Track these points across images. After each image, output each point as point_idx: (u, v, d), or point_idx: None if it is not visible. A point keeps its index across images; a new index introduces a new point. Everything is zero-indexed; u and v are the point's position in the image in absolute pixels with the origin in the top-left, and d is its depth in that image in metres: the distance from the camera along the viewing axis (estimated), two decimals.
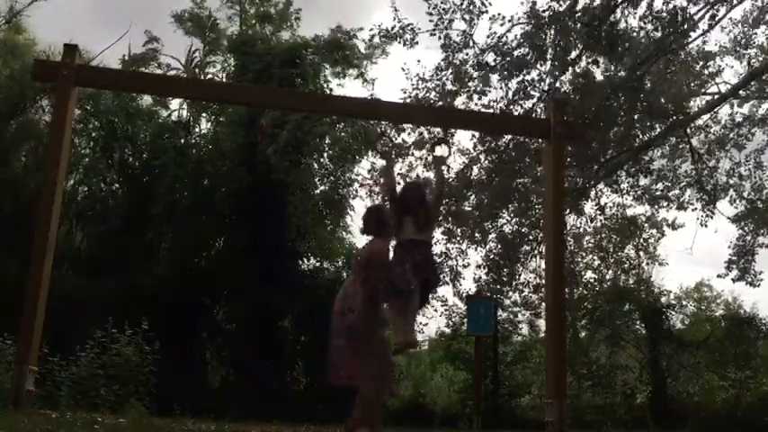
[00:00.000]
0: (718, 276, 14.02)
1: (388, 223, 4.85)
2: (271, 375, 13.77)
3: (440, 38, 11.46)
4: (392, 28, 11.62)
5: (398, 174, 11.61)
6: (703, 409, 13.00)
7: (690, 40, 11.93)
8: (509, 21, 10.90)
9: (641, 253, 15.07)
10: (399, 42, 11.68)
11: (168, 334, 11.12)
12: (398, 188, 5.34)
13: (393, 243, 4.91)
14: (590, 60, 10.99)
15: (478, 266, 13.40)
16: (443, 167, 7.00)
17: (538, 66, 11.11)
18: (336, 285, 14.46)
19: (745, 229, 13.75)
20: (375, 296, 4.65)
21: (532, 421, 12.16)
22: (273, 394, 13.28)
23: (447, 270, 13.07)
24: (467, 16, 11.24)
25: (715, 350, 13.93)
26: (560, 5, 10.42)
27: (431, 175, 11.30)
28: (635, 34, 11.10)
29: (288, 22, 17.56)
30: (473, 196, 12.36)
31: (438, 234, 12.64)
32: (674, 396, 13.62)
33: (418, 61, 11.51)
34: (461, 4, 11.10)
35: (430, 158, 11.57)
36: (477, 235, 12.98)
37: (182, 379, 11.97)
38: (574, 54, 11.02)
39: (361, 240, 17.57)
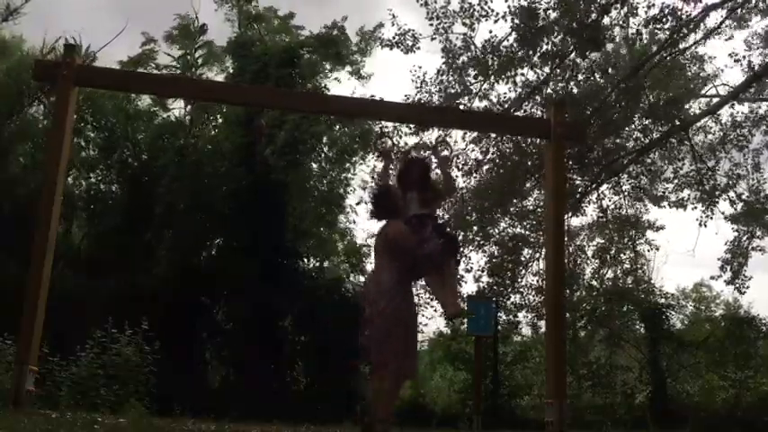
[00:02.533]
0: (712, 278, 14.13)
1: (399, 203, 4.78)
2: (271, 375, 13.76)
3: (440, 42, 11.53)
4: (393, 36, 11.71)
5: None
6: (703, 409, 12.99)
7: (689, 44, 12.01)
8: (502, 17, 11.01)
9: (636, 252, 15.15)
10: (400, 49, 11.76)
11: (168, 334, 11.11)
12: (399, 165, 5.32)
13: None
14: (577, 54, 11.11)
15: (482, 270, 13.47)
16: (448, 168, 7.00)
17: (532, 62, 11.22)
18: (336, 285, 14.65)
19: (740, 230, 13.80)
20: (406, 278, 4.61)
21: (532, 421, 12.15)
22: (273, 394, 13.27)
23: None
24: (467, 20, 11.32)
25: (715, 350, 13.91)
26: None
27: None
28: (630, 33, 11.19)
29: (279, 21, 17.54)
30: (474, 201, 12.42)
31: None
32: (674, 396, 13.61)
33: (419, 67, 11.66)
34: (461, 9, 11.20)
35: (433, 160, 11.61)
36: (478, 238, 13.04)
37: (182, 379, 11.96)
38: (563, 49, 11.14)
39: (359, 238, 17.62)
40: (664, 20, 11.10)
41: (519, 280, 14.18)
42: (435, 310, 12.46)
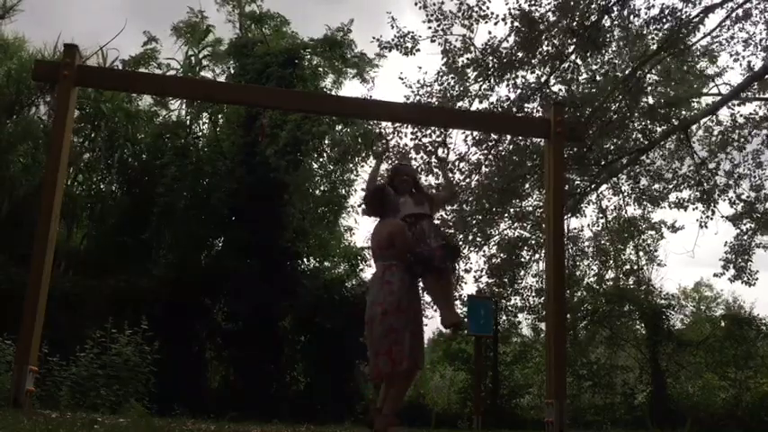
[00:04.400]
0: (715, 275, 14.09)
1: (393, 202, 4.82)
2: (271, 375, 13.77)
3: (440, 44, 11.54)
4: (392, 39, 11.72)
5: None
6: (703, 409, 12.99)
7: (691, 42, 12.00)
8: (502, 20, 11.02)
9: (641, 254, 15.12)
10: (399, 51, 11.76)
11: (168, 334, 11.12)
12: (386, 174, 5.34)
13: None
14: (577, 55, 11.13)
15: (481, 271, 13.47)
16: (448, 169, 7.01)
17: (532, 63, 11.23)
18: (336, 285, 14.66)
19: (743, 228, 13.77)
20: (408, 275, 4.60)
21: (532, 421, 12.16)
22: (273, 394, 13.28)
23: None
24: (466, 21, 11.33)
25: (715, 350, 13.91)
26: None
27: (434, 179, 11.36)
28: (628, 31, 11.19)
29: (280, 22, 17.56)
30: (474, 202, 12.42)
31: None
32: (674, 396, 13.61)
33: (419, 68, 11.73)
34: (459, 10, 11.21)
35: (432, 161, 11.63)
36: (478, 239, 13.04)
37: (182, 379, 11.97)
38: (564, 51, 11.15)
39: (360, 239, 17.63)
40: (663, 20, 11.10)
41: (519, 281, 14.19)
42: (435, 310, 12.45)
